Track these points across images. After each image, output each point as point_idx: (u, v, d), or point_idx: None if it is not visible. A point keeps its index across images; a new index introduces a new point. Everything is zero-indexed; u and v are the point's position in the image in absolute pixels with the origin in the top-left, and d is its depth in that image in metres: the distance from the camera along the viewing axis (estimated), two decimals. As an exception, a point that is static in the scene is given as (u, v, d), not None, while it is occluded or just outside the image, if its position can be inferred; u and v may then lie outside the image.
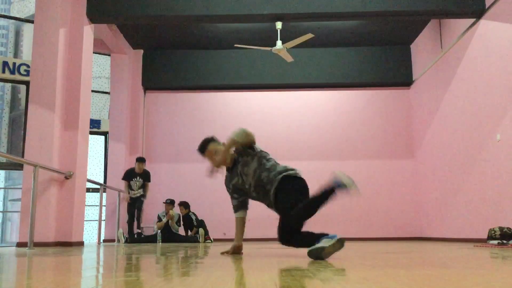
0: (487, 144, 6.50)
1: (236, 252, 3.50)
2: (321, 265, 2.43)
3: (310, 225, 3.50)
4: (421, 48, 9.16)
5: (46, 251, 4.63)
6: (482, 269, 2.12)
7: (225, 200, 3.74)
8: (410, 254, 3.43)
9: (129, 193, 8.56)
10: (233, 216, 3.56)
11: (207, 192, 9.48)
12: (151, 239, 8.35)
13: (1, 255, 3.84)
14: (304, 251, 3.48)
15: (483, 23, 6.68)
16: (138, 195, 8.58)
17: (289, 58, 7.97)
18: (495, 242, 5.47)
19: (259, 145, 3.50)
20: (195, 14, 6.95)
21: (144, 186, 8.65)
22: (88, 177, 7.26)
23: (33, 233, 5.23)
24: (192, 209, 8.91)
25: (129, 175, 8.61)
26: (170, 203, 8.59)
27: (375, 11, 6.91)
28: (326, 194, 3.06)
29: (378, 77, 9.72)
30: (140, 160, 8.64)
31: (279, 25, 7.25)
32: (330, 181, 3.07)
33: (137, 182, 8.58)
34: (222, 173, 3.58)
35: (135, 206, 8.58)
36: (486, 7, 6.60)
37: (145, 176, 8.67)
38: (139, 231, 8.65)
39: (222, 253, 3.54)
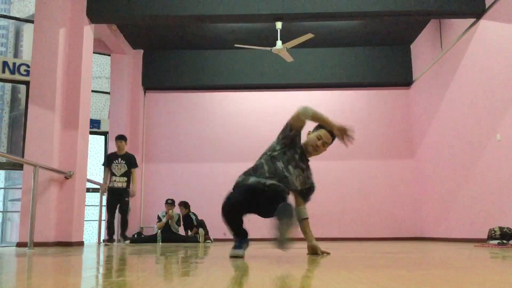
0: (487, 144, 6.50)
1: (313, 253, 3.34)
2: (321, 265, 2.43)
3: (311, 224, 3.49)
4: (421, 48, 9.15)
5: (46, 251, 4.63)
6: (482, 269, 2.12)
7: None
8: (410, 254, 3.43)
9: (109, 181, 7.09)
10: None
11: (207, 192, 9.48)
12: (151, 239, 8.35)
13: (1, 255, 3.84)
14: (305, 251, 3.48)
15: (483, 23, 6.68)
16: (121, 185, 7.04)
17: (289, 58, 7.97)
18: (495, 242, 5.47)
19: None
20: (195, 14, 6.94)
21: (129, 175, 7.14)
22: (88, 177, 7.25)
23: (33, 233, 5.23)
24: (192, 209, 8.91)
25: (109, 159, 7.18)
26: (171, 203, 8.60)
27: (375, 11, 6.91)
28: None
29: (378, 77, 9.72)
30: (120, 138, 7.22)
31: (279, 25, 7.25)
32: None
33: (118, 165, 7.06)
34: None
35: (117, 199, 7.08)
36: (486, 7, 6.60)
37: (129, 159, 7.17)
38: (127, 242, 7.19)
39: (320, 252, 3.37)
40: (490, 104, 6.44)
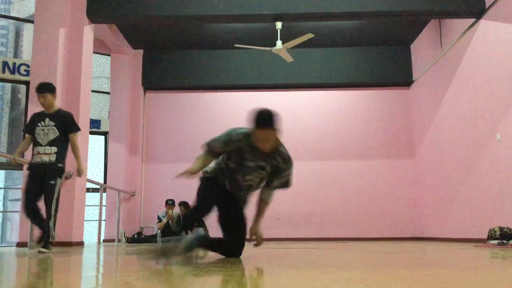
0: (487, 144, 6.50)
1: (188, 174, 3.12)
2: (321, 265, 2.43)
3: (311, 224, 3.49)
4: (421, 48, 9.15)
5: (46, 251, 4.62)
6: (482, 269, 2.12)
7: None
8: (410, 254, 3.43)
9: (32, 154, 4.50)
10: None
11: (207, 192, 9.46)
12: (151, 239, 8.35)
13: (1, 255, 3.84)
14: (305, 252, 3.47)
15: (483, 23, 6.68)
16: (48, 159, 4.42)
17: (289, 58, 7.97)
18: (495, 242, 5.47)
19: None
20: (195, 14, 6.94)
21: (62, 144, 4.51)
22: (88, 177, 7.25)
23: (33, 233, 5.23)
24: (192, 209, 8.91)
25: (32, 121, 4.61)
26: (171, 204, 8.61)
27: (375, 11, 6.90)
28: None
29: (378, 77, 9.72)
30: (41, 89, 4.57)
31: (279, 25, 7.24)
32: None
33: (44, 128, 4.48)
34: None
35: (40, 181, 4.40)
36: (486, 7, 6.60)
37: (61, 119, 4.55)
38: (46, 250, 4.18)
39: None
40: (490, 104, 6.44)
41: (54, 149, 4.45)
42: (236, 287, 1.49)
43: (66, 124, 4.55)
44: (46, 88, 4.59)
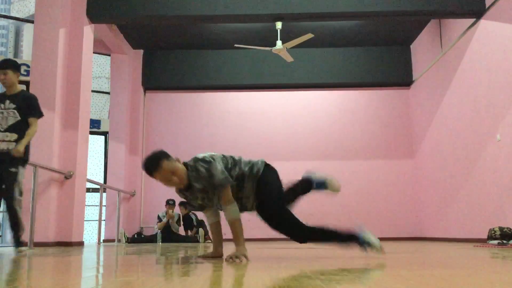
0: (487, 144, 6.50)
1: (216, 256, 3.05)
2: (320, 265, 2.43)
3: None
4: (421, 48, 9.16)
5: (46, 251, 4.63)
6: (482, 269, 2.12)
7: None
8: (411, 254, 3.43)
9: None
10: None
11: (207, 192, 9.46)
12: (151, 239, 8.36)
13: (1, 255, 3.84)
14: (305, 252, 3.47)
15: (483, 23, 6.68)
16: (6, 147, 3.98)
17: (289, 58, 7.97)
18: (495, 242, 5.47)
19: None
20: (195, 14, 6.95)
21: (24, 128, 4.05)
22: (88, 177, 7.25)
23: (33, 233, 5.23)
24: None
25: None
26: (172, 204, 8.61)
27: (375, 11, 6.91)
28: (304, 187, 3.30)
29: (378, 77, 9.72)
30: (5, 65, 4.12)
31: (279, 25, 7.25)
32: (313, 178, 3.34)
33: (3, 111, 4.04)
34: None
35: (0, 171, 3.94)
36: (486, 7, 6.60)
37: (24, 102, 4.10)
38: (20, 248, 4.02)
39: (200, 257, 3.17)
40: (490, 104, 6.44)
41: (14, 135, 3.99)
42: (236, 287, 1.49)
43: (29, 107, 4.09)
44: (8, 64, 4.12)
